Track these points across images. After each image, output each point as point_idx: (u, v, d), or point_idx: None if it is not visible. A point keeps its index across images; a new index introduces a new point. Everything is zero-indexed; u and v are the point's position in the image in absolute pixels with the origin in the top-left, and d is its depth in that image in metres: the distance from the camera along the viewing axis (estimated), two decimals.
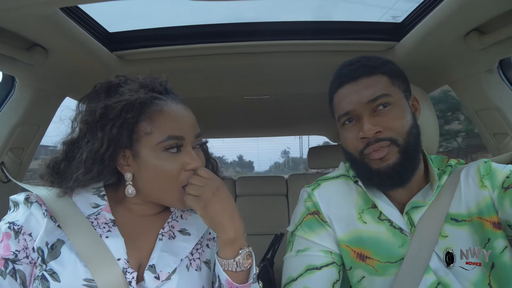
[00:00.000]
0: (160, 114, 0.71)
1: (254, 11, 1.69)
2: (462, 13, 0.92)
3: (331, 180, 0.91)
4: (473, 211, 0.77)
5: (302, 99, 2.03)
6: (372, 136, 0.75)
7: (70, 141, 0.73)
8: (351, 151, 0.81)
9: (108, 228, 0.71)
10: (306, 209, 0.87)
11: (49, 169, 0.73)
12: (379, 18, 1.31)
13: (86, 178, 0.70)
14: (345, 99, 0.80)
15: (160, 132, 0.70)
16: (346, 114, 0.79)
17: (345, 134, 0.82)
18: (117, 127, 0.69)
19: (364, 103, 0.77)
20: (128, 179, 0.73)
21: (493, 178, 0.78)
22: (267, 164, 42.10)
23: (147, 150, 0.70)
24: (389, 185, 0.79)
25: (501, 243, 0.73)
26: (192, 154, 0.73)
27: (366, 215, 0.82)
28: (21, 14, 0.84)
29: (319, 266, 0.80)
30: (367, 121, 0.76)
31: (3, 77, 1.20)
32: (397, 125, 0.76)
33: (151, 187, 0.73)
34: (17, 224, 0.67)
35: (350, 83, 0.79)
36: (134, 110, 0.70)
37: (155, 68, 1.34)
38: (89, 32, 1.09)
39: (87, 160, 0.69)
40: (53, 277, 0.63)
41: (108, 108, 0.70)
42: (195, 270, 0.74)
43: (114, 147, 0.70)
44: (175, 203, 0.74)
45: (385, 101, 0.76)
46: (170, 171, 0.71)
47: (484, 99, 1.23)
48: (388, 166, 0.75)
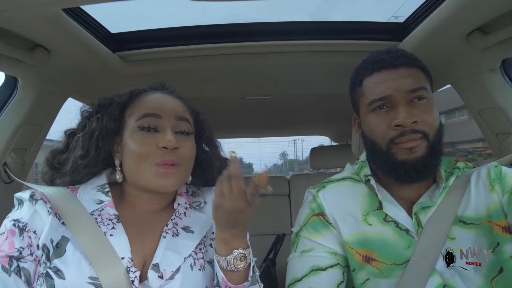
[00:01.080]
0: (143, 99, 0.79)
1: (256, 11, 1.70)
2: (465, 13, 0.92)
3: (336, 182, 0.91)
4: (482, 214, 0.76)
5: (304, 99, 2.03)
6: (408, 125, 0.74)
7: (70, 132, 0.80)
8: (378, 139, 0.79)
9: (112, 225, 0.71)
10: (311, 210, 0.87)
11: (49, 161, 0.78)
12: (382, 18, 1.30)
13: (84, 162, 0.74)
14: (382, 84, 0.78)
15: (138, 111, 0.76)
16: (382, 99, 0.77)
17: (373, 120, 0.79)
18: (108, 114, 0.76)
19: (404, 91, 0.75)
20: (117, 165, 0.77)
21: (503, 182, 0.77)
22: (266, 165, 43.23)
23: (127, 132, 0.75)
24: (414, 177, 0.77)
25: (510, 248, 0.72)
26: (168, 133, 0.73)
27: (371, 217, 0.81)
28: (24, 15, 0.84)
29: (323, 267, 0.80)
30: (405, 109, 0.74)
31: (6, 78, 1.20)
32: (431, 119, 0.76)
33: (129, 169, 0.75)
34: (22, 222, 0.67)
35: (389, 70, 0.78)
36: (123, 96, 0.79)
37: (156, 69, 1.34)
38: (91, 33, 1.10)
39: (84, 144, 0.74)
40: (58, 275, 0.63)
41: (103, 98, 0.79)
42: (198, 269, 0.74)
43: (105, 132, 0.75)
44: (152, 181, 0.72)
45: (423, 94, 0.76)
46: (142, 149, 0.72)
47: (486, 99, 1.22)
48: (416, 158, 0.75)
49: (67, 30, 0.97)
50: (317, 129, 3.38)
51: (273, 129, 3.16)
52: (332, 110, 2.30)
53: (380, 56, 0.81)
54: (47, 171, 0.79)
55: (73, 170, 0.75)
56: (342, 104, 1.66)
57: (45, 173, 0.79)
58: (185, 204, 0.83)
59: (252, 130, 3.21)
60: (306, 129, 3.45)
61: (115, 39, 1.24)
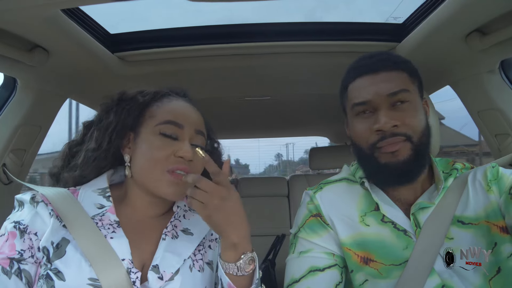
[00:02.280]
0: (168, 103, 0.79)
1: (255, 12, 1.71)
2: (463, 14, 0.92)
3: (334, 183, 0.91)
4: (480, 215, 0.76)
5: (303, 100, 2.03)
6: (388, 129, 0.74)
7: (88, 123, 0.81)
8: (361, 143, 0.79)
9: (112, 229, 0.71)
10: (308, 211, 0.87)
11: (65, 152, 0.79)
12: (380, 19, 1.31)
13: (95, 154, 0.75)
14: (363, 89, 0.78)
15: (162, 116, 0.76)
16: (363, 103, 0.78)
17: (357, 125, 0.80)
18: (127, 109, 0.77)
19: (384, 96, 0.76)
20: (127, 161, 0.77)
21: (500, 183, 0.77)
22: (262, 166, 45.88)
23: (146, 131, 0.75)
24: (396, 181, 0.78)
25: (508, 248, 0.72)
26: (186, 145, 0.74)
27: (369, 218, 0.81)
28: (23, 16, 0.84)
29: (321, 268, 0.80)
30: (384, 113, 0.75)
31: (5, 78, 1.20)
32: (414, 122, 0.75)
33: (139, 169, 0.75)
34: (23, 224, 0.67)
35: (370, 74, 0.78)
36: (148, 96, 0.79)
37: (155, 70, 1.34)
38: (90, 33, 1.10)
39: (98, 136, 0.75)
40: (58, 276, 0.63)
41: (125, 93, 0.80)
42: (198, 271, 0.74)
43: (121, 126, 0.76)
44: (161, 187, 0.72)
45: (404, 97, 0.76)
46: (157, 154, 0.72)
47: (485, 100, 1.22)
48: (398, 161, 0.75)
49: (66, 31, 0.97)
50: (316, 129, 3.38)
51: (271, 130, 3.16)
52: (331, 110, 2.30)
53: (363, 61, 0.82)
54: (59, 164, 0.79)
55: (84, 163, 0.75)
56: None
57: (55, 166, 0.79)
58: (184, 206, 0.83)
59: (250, 131, 3.21)
60: (305, 129, 3.45)
61: (114, 40, 1.24)
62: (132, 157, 0.76)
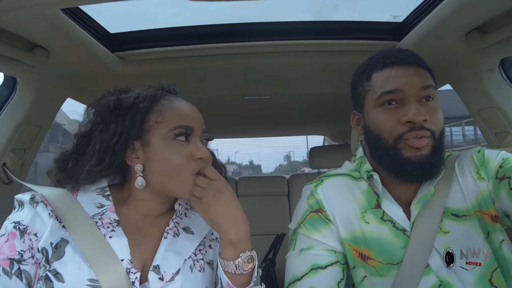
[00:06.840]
0: (170, 107, 0.75)
1: (256, 11, 1.70)
2: (463, 12, 0.92)
3: (335, 177, 0.90)
4: (472, 204, 0.77)
5: (303, 99, 2.03)
6: (419, 122, 0.74)
7: (82, 133, 0.74)
8: (384, 134, 0.78)
9: (112, 228, 0.71)
10: (309, 206, 0.86)
11: (58, 163, 0.74)
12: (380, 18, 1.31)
13: (98, 169, 0.71)
14: (394, 78, 0.77)
15: (171, 120, 0.73)
16: (392, 91, 0.76)
17: (381, 115, 0.78)
18: (129, 118, 0.72)
19: (417, 88, 0.75)
20: (139, 171, 0.73)
21: (487, 168, 0.78)
22: (273, 166, 48.93)
23: (158, 138, 0.72)
24: (419, 175, 0.77)
25: (500, 236, 0.74)
26: (200, 144, 0.74)
27: (369, 215, 0.81)
28: (23, 15, 0.84)
29: (323, 266, 0.80)
30: (416, 106, 0.74)
31: (5, 78, 1.20)
32: (438, 120, 0.76)
33: (161, 177, 0.73)
34: (23, 224, 0.67)
35: (401, 66, 0.78)
36: (146, 101, 0.74)
37: (156, 69, 1.34)
38: (90, 33, 1.10)
39: (100, 150, 0.71)
40: (57, 278, 0.63)
41: (121, 100, 0.74)
42: (198, 271, 0.74)
43: (126, 137, 0.72)
44: (184, 192, 0.72)
45: (432, 93, 0.77)
46: (179, 159, 0.71)
47: (485, 98, 1.22)
48: (422, 156, 0.74)
49: (66, 30, 0.97)
50: (317, 128, 3.38)
51: (272, 129, 3.16)
52: (332, 109, 2.31)
53: (392, 52, 0.81)
54: (53, 171, 0.76)
55: (86, 178, 0.72)
56: (341, 104, 1.66)
57: (50, 171, 0.76)
58: (185, 204, 0.82)
59: (251, 130, 3.21)
60: (306, 129, 3.45)
61: (114, 39, 1.24)
62: (145, 166, 0.73)
